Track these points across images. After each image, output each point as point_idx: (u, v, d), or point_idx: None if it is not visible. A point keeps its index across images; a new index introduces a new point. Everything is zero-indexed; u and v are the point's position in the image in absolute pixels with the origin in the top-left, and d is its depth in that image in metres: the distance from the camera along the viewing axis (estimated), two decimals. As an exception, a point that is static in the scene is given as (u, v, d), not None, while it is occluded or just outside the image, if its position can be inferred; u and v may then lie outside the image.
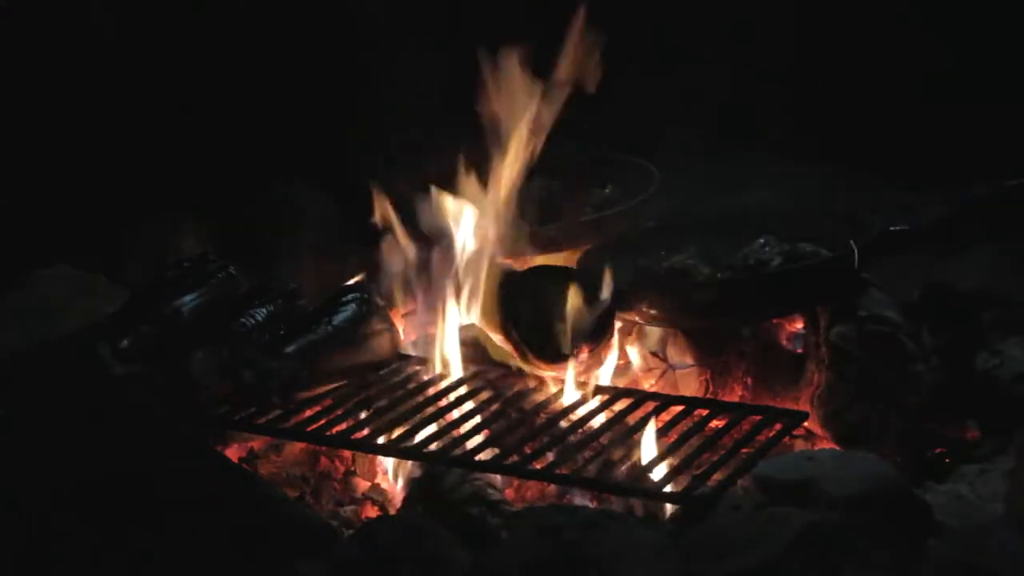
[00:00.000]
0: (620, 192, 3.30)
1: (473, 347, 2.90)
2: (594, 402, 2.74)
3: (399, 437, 2.61)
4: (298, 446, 2.81)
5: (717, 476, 2.43)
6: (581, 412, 2.70)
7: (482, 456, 2.53)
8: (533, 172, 3.05)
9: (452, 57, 3.17)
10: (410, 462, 2.64)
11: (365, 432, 2.65)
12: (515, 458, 2.54)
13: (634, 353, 3.01)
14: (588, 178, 3.40)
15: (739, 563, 2.03)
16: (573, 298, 2.80)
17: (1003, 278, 2.82)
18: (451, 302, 3.02)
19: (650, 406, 2.71)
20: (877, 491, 2.20)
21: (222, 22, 3.50)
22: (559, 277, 2.88)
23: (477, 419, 2.67)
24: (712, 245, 2.95)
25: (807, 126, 3.17)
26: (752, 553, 2.04)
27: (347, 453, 2.79)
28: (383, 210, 3.10)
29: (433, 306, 3.11)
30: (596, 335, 2.83)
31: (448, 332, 2.92)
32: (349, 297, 2.91)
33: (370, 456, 2.75)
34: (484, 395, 2.77)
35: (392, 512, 2.65)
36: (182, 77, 3.53)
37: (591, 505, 2.57)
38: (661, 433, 2.60)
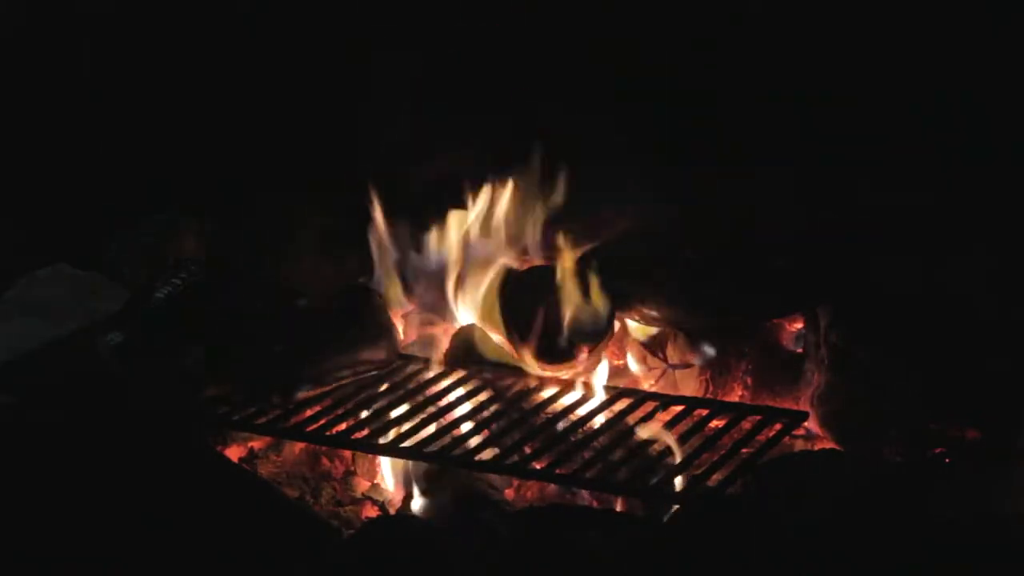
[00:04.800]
0: None
1: (473, 347, 2.90)
2: (594, 402, 2.75)
3: (399, 437, 2.61)
4: (298, 446, 2.80)
5: (717, 476, 2.43)
6: (581, 412, 2.70)
7: (482, 456, 2.53)
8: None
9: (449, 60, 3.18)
10: (410, 462, 2.64)
11: (365, 432, 2.65)
12: (515, 458, 2.54)
13: (634, 353, 3.01)
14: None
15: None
16: (573, 298, 2.80)
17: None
18: (451, 302, 3.03)
19: (650, 406, 2.71)
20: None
21: (222, 24, 3.50)
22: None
23: (477, 419, 2.67)
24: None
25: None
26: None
27: (347, 453, 2.79)
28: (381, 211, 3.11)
29: (433, 306, 3.12)
30: (596, 335, 2.83)
31: (449, 332, 2.93)
32: (347, 297, 2.91)
33: (370, 456, 2.75)
34: (484, 395, 2.77)
35: (392, 512, 2.65)
36: (182, 78, 3.53)
37: (591, 505, 2.57)
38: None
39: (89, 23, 3.58)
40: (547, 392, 2.79)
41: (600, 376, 2.90)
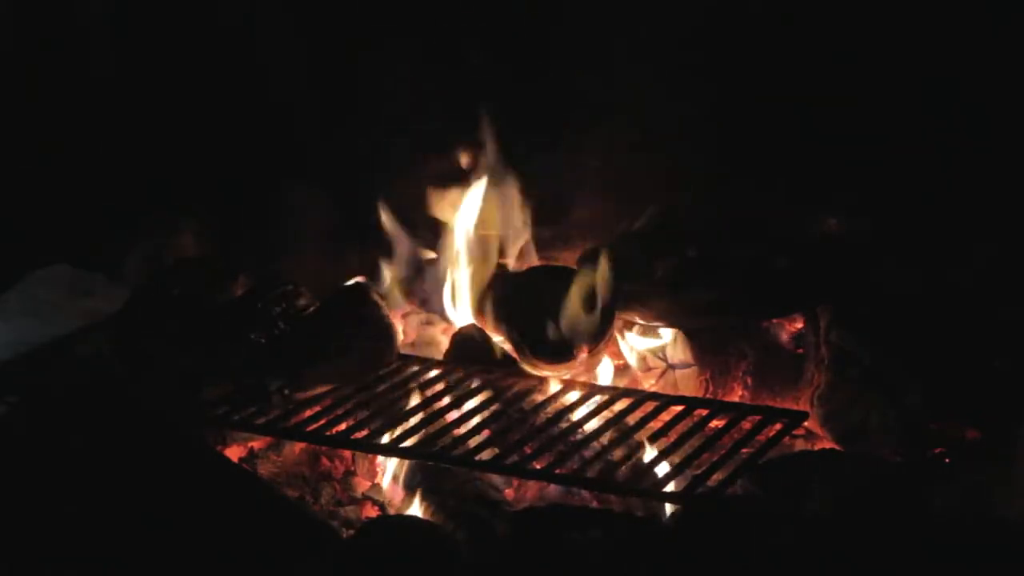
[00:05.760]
0: None
1: (473, 347, 2.90)
2: (594, 402, 2.75)
3: (399, 437, 2.61)
4: (298, 446, 2.80)
5: (717, 476, 2.43)
6: (581, 412, 2.70)
7: (482, 456, 2.53)
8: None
9: (450, 60, 3.18)
10: (410, 462, 2.64)
11: (365, 432, 2.65)
12: (515, 458, 2.54)
13: (634, 353, 3.01)
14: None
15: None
16: (573, 298, 2.80)
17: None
18: (451, 302, 3.03)
19: (650, 406, 2.71)
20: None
21: (222, 24, 3.50)
22: (559, 277, 2.88)
23: (477, 419, 2.67)
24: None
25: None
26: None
27: (347, 453, 2.79)
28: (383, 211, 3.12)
29: (433, 306, 3.12)
30: (596, 335, 2.83)
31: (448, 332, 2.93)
32: (349, 297, 2.91)
33: (370, 456, 2.75)
34: (484, 395, 2.77)
35: (392, 512, 2.65)
36: (182, 77, 3.53)
37: (591, 505, 2.57)
38: (661, 433, 2.60)
39: (90, 22, 3.57)
40: (547, 392, 2.79)
41: (600, 376, 2.90)
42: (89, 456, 2.45)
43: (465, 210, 3.09)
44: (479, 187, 3.08)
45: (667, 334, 2.97)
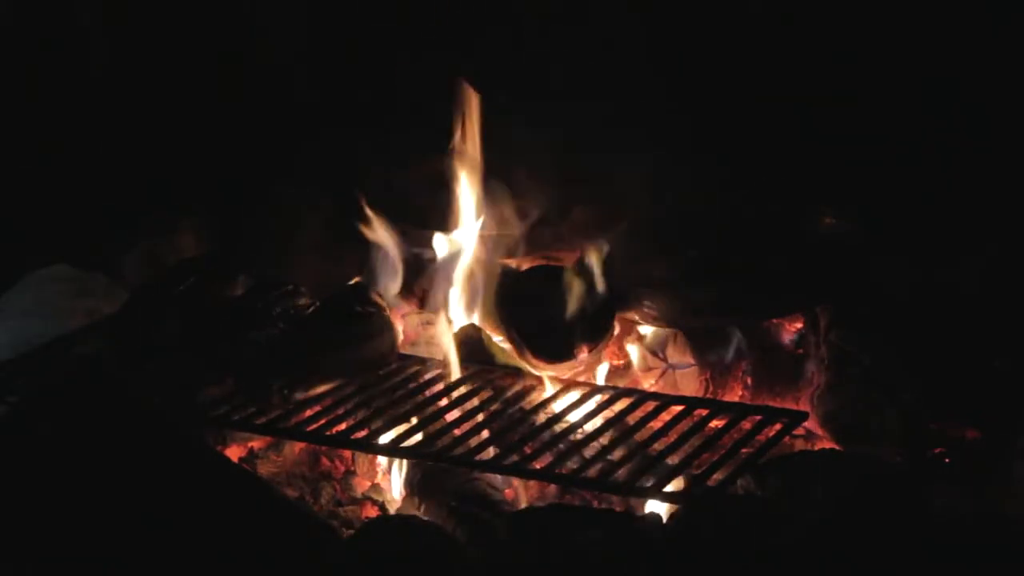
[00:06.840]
0: None
1: (473, 347, 2.90)
2: (594, 402, 2.75)
3: (399, 437, 2.61)
4: (298, 446, 2.81)
5: (717, 476, 2.43)
6: (581, 412, 2.70)
7: (482, 456, 2.53)
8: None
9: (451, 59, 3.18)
10: (410, 462, 2.64)
11: (365, 432, 2.65)
12: (515, 458, 2.54)
13: (634, 353, 3.01)
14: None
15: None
16: (573, 298, 2.80)
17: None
18: (451, 302, 3.03)
19: (650, 406, 2.71)
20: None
21: (222, 24, 3.51)
22: (559, 277, 2.88)
23: (477, 419, 2.67)
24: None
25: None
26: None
27: (347, 453, 2.79)
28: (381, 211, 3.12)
29: (433, 306, 3.12)
30: (596, 335, 2.83)
31: (448, 332, 2.93)
32: (349, 297, 2.91)
33: (370, 456, 2.75)
34: (484, 395, 2.77)
35: (392, 512, 2.65)
36: (182, 77, 3.53)
37: (591, 505, 2.57)
38: (661, 433, 2.60)
39: (90, 23, 3.58)
40: (547, 392, 2.79)
41: (600, 376, 2.90)
42: (89, 456, 2.45)
43: (464, 210, 3.09)
44: (478, 187, 3.08)
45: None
